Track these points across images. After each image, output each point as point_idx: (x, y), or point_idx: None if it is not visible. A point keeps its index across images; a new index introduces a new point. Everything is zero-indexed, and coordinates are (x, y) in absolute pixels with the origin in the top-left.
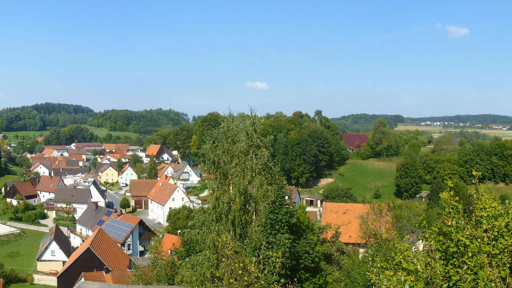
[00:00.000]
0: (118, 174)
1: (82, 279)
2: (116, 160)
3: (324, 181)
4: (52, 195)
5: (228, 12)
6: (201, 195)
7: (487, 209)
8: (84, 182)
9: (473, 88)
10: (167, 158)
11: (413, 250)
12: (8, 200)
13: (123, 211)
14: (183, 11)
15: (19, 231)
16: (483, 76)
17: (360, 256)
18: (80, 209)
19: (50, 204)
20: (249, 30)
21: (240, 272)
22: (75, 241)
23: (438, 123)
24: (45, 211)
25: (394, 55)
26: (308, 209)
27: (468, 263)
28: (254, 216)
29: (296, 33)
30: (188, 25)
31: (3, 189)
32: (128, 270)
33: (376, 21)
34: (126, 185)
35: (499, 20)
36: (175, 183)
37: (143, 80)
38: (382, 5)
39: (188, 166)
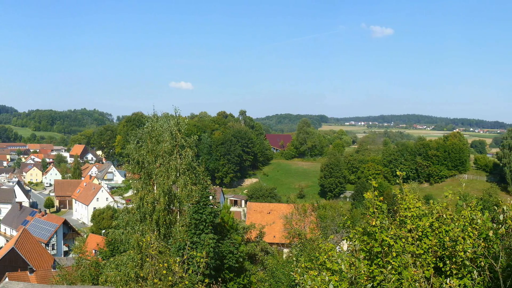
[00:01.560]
0: (43, 174)
1: (7, 279)
2: (40, 160)
3: (248, 181)
4: None
5: (153, 12)
6: (126, 195)
7: (411, 209)
8: (8, 182)
9: (397, 88)
10: (92, 158)
11: (337, 250)
12: None
13: (48, 211)
14: (108, 10)
15: None
16: (407, 76)
17: (284, 256)
18: (4, 209)
19: None
20: (173, 30)
21: (164, 272)
22: None
23: (363, 123)
24: None
25: (319, 55)
26: (233, 209)
27: (393, 263)
28: (179, 216)
29: (221, 32)
30: (113, 25)
31: None
32: (52, 270)
33: (301, 21)
34: (51, 185)
35: (423, 20)
36: (99, 183)
37: (67, 80)
38: (307, 5)
39: (112, 166)
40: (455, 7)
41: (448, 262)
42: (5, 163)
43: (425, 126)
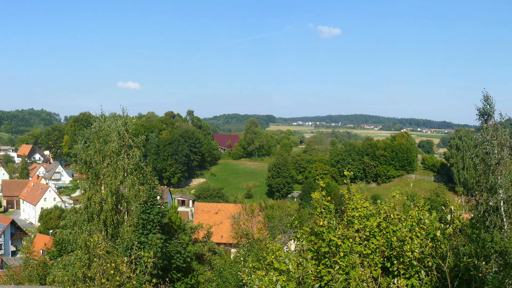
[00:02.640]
0: None
1: None
2: None
3: (196, 181)
4: None
5: (99, 12)
6: (73, 195)
7: (359, 209)
8: None
9: (345, 88)
10: (39, 158)
11: (285, 250)
12: None
13: None
14: (54, 10)
15: None
16: (355, 76)
17: (232, 256)
18: None
19: None
20: (120, 29)
21: (112, 272)
22: None
23: (310, 123)
24: None
25: (267, 55)
26: (180, 209)
27: (340, 263)
28: (126, 216)
29: (169, 32)
30: (59, 25)
31: None
32: None
33: (249, 21)
34: None
35: (370, 21)
36: (47, 183)
37: (15, 79)
38: (254, 5)
39: (60, 166)
40: (402, 7)
41: (395, 262)
42: None
43: (373, 126)
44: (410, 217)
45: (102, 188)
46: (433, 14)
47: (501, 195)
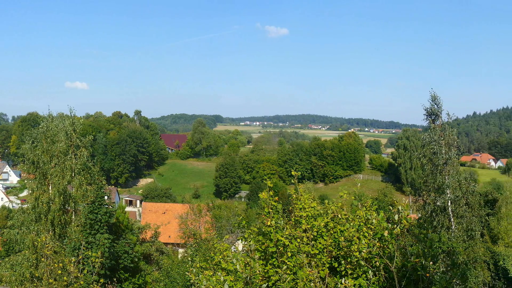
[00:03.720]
0: None
1: None
2: None
3: (143, 181)
4: None
5: (46, 11)
6: (21, 195)
7: (307, 209)
8: None
9: (292, 88)
10: None
11: (232, 250)
12: None
13: None
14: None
15: None
16: (302, 76)
17: (179, 256)
18: None
19: None
20: (69, 29)
21: (59, 272)
22: None
23: (258, 123)
24: None
25: (214, 55)
26: (128, 209)
27: (288, 263)
28: (74, 216)
29: (116, 32)
30: (5, 24)
31: None
32: None
33: (196, 21)
34: None
35: (318, 21)
36: None
37: None
38: (202, 5)
39: (7, 166)
40: (350, 7)
41: (343, 262)
42: None
43: (320, 126)
44: (358, 217)
45: (50, 188)
46: (380, 14)
47: (448, 195)
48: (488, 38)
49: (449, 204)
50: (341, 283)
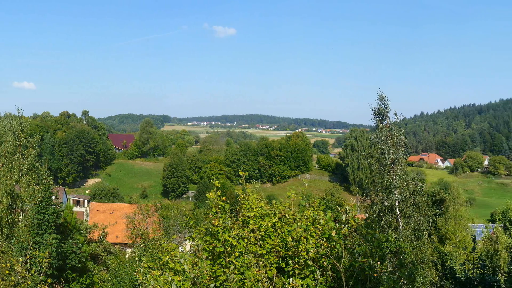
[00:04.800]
0: None
1: None
2: None
3: (91, 181)
4: None
5: None
6: None
7: (254, 209)
8: None
9: (240, 88)
10: None
11: (180, 250)
12: None
13: None
14: None
15: None
16: (250, 76)
17: (127, 256)
18: None
19: None
20: (14, 29)
21: (7, 272)
22: None
23: (205, 123)
24: None
25: (162, 55)
26: (75, 209)
27: (235, 263)
28: (21, 216)
29: (64, 32)
30: None
31: None
32: None
33: (144, 21)
34: None
35: (265, 21)
36: None
37: None
38: (149, 5)
39: None
40: (297, 7)
41: (290, 262)
42: None
43: (268, 126)
44: (305, 217)
45: None
46: (328, 14)
47: (396, 195)
48: (435, 39)
49: (397, 204)
50: (289, 283)
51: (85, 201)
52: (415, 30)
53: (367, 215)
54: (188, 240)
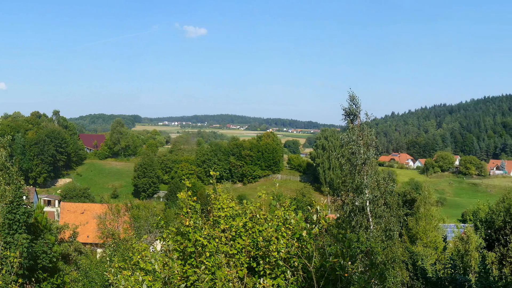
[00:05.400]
0: None
1: None
2: None
3: (62, 181)
4: None
5: None
6: None
7: (225, 209)
8: None
9: (211, 88)
10: None
11: (151, 250)
12: None
13: None
14: None
15: None
16: (221, 76)
17: (98, 256)
18: None
19: None
20: None
21: None
22: None
23: (176, 123)
24: None
25: (133, 55)
26: (46, 209)
27: (206, 263)
28: None
29: (35, 32)
30: None
31: None
32: None
33: (115, 21)
34: None
35: (237, 21)
36: None
37: None
38: (121, 5)
39: None
40: (267, 6)
41: (261, 262)
42: None
43: (239, 126)
44: (276, 217)
45: None
46: (299, 14)
47: (367, 195)
48: (406, 38)
49: (368, 204)
50: (260, 283)
51: (56, 201)
52: (387, 29)
53: (338, 215)
54: (159, 240)
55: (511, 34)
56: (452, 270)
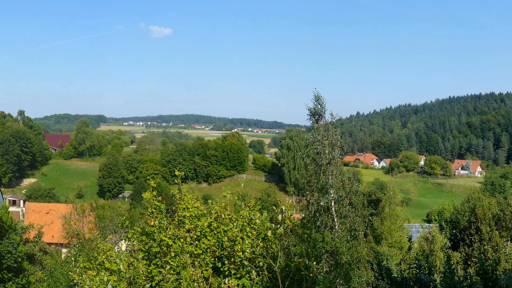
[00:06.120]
0: None
1: None
2: None
3: (27, 181)
4: None
5: None
6: None
7: (190, 209)
8: None
9: (176, 89)
10: None
11: (116, 250)
12: None
13: None
14: None
15: None
16: (186, 76)
17: (63, 256)
18: None
19: None
20: None
21: None
22: None
23: (141, 123)
24: None
25: (98, 55)
26: (11, 209)
27: (171, 263)
28: None
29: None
30: None
31: None
32: None
33: (80, 21)
34: None
35: (202, 21)
36: None
37: None
38: (85, 4)
39: None
40: (231, 6)
41: (226, 262)
42: None
43: (204, 126)
44: (241, 217)
45: None
46: (264, 14)
47: (332, 195)
48: (371, 39)
49: (333, 204)
50: (225, 283)
51: (21, 201)
52: (352, 30)
53: (303, 215)
54: (124, 240)
55: (476, 35)
56: (417, 270)
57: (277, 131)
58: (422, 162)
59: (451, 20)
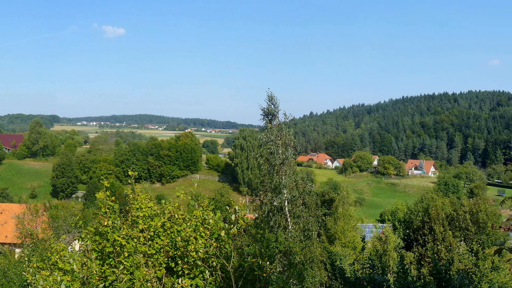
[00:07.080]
0: None
1: None
2: None
3: None
4: None
5: None
6: None
7: (143, 209)
8: None
9: (129, 88)
10: None
11: (70, 250)
12: None
13: None
14: None
15: None
16: (139, 76)
17: (16, 256)
18: None
19: None
20: None
21: None
22: None
23: (95, 123)
24: None
25: (52, 55)
26: None
27: (125, 263)
28: None
29: None
30: None
31: None
32: None
33: (33, 21)
34: None
35: (155, 20)
36: None
37: None
38: (38, 4)
39: None
40: (187, 6)
41: (180, 262)
42: None
43: (157, 126)
44: (195, 217)
45: None
46: (217, 14)
47: (285, 195)
48: (325, 39)
49: (286, 204)
50: (178, 283)
51: None
52: (305, 29)
53: (257, 215)
54: (77, 240)
55: (428, 35)
56: (371, 270)
57: (230, 131)
58: (375, 162)
59: (405, 20)
